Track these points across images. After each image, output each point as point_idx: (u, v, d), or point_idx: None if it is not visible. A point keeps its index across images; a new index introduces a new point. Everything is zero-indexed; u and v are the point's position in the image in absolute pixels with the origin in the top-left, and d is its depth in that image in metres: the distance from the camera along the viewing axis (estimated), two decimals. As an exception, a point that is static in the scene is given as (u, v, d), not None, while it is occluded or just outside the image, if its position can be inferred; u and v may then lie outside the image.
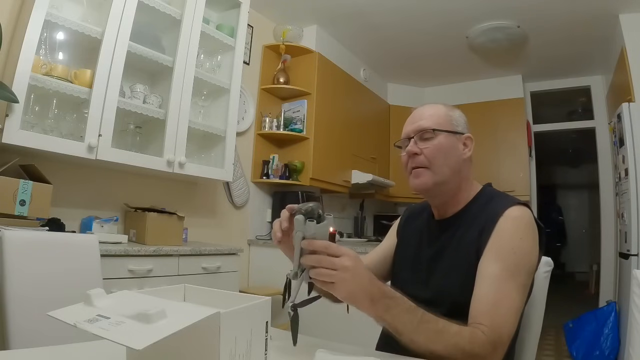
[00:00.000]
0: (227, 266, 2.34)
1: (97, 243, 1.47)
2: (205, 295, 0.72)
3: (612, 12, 3.06)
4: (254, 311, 0.62)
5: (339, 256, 0.73)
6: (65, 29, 1.93)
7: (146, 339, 0.46)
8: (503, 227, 0.90)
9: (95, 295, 0.58)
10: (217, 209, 3.00)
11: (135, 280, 1.86)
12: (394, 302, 0.75)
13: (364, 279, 0.74)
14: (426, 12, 3.27)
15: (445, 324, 0.77)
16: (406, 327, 0.74)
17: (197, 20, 2.41)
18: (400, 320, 0.75)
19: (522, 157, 4.22)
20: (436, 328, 0.75)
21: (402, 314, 0.75)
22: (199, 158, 2.64)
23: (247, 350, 0.59)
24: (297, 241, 0.73)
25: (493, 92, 4.43)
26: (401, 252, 1.14)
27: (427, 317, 0.76)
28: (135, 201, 2.37)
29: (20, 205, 1.66)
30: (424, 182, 0.99)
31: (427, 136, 1.00)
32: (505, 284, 0.84)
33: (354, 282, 0.73)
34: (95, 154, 1.94)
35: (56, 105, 1.97)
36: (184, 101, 2.33)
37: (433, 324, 0.76)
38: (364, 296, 0.74)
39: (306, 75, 3.44)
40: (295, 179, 3.31)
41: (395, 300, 0.75)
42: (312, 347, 0.74)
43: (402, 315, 0.75)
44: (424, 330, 0.74)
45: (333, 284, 0.73)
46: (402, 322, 0.74)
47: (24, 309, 1.18)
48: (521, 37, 3.49)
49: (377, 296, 0.74)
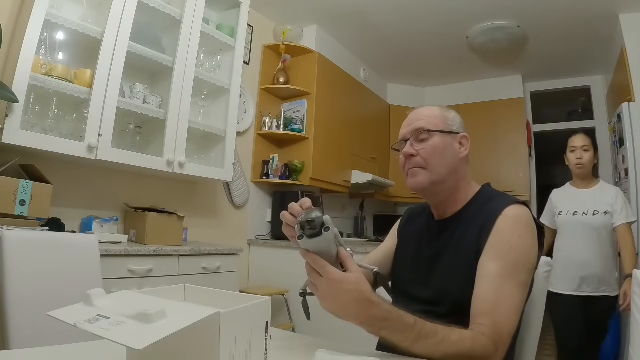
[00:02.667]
0: (227, 266, 2.34)
1: (97, 243, 1.47)
2: (205, 295, 0.72)
3: (612, 12, 3.06)
4: (254, 311, 0.62)
5: (322, 276, 0.73)
6: (65, 29, 1.93)
7: (146, 339, 0.46)
8: (502, 226, 0.90)
9: (95, 295, 0.58)
10: (217, 209, 3.00)
11: (135, 280, 1.86)
12: (386, 323, 0.73)
13: (347, 301, 0.72)
14: (426, 11, 3.27)
15: (445, 334, 0.75)
16: (402, 344, 0.73)
17: (197, 20, 2.41)
18: (394, 339, 0.74)
19: (522, 157, 4.22)
20: (435, 341, 0.73)
21: (395, 334, 0.73)
22: (199, 158, 2.64)
23: (247, 350, 0.59)
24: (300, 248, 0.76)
25: (493, 92, 4.43)
26: (402, 252, 1.14)
27: (425, 332, 0.73)
28: (135, 201, 2.37)
29: (20, 205, 1.65)
30: (421, 181, 1.00)
31: (423, 137, 1.01)
32: (506, 282, 0.84)
33: (334, 303, 0.74)
34: (95, 154, 1.94)
35: (56, 105, 1.97)
36: (184, 101, 2.33)
37: (431, 339, 0.73)
38: (348, 317, 0.74)
39: (306, 75, 3.44)
40: (295, 179, 3.31)
41: (388, 322, 0.73)
42: (312, 347, 0.74)
43: (395, 335, 0.73)
44: (421, 347, 0.73)
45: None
46: (397, 340, 0.74)
47: (24, 309, 1.18)
48: (521, 37, 3.48)
49: (364, 319, 0.73)
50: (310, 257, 0.73)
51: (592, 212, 2.23)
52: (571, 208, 2.31)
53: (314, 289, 0.76)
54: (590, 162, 2.30)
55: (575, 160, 2.30)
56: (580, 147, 2.29)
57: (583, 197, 2.30)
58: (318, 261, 0.73)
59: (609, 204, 2.21)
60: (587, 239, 2.22)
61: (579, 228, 2.25)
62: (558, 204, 2.40)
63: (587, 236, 2.23)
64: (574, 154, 2.32)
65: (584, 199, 2.29)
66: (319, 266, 0.73)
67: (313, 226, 0.70)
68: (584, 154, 2.29)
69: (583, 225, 2.24)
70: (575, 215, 2.27)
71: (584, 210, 2.25)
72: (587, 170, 2.31)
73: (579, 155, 2.29)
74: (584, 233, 2.23)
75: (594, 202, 2.25)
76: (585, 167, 2.30)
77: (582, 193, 2.32)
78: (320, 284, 0.74)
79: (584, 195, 2.31)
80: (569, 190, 2.42)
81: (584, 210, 2.25)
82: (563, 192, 2.44)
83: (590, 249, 2.21)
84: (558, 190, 2.48)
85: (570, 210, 2.31)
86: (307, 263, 0.75)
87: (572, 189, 2.40)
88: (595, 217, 2.22)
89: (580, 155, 2.29)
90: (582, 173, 2.32)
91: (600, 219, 2.21)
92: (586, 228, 2.23)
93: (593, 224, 2.22)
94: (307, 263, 0.75)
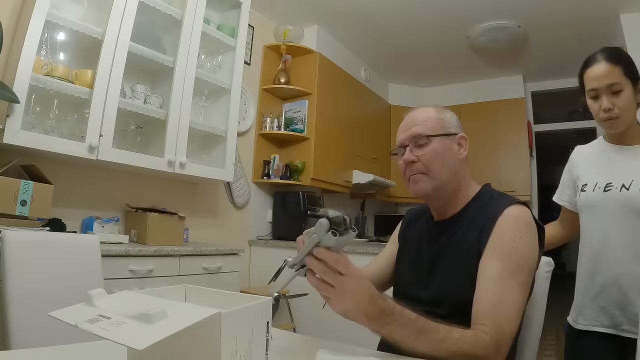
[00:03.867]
0: (228, 266, 2.34)
1: (98, 243, 1.48)
2: (206, 296, 0.72)
3: (613, 12, 3.06)
4: (255, 311, 0.62)
5: (344, 274, 0.71)
6: (66, 29, 1.93)
7: (147, 339, 0.46)
8: (502, 227, 0.90)
9: (96, 295, 0.58)
10: (218, 209, 3.00)
11: (136, 281, 1.86)
12: (391, 317, 0.74)
13: (363, 299, 0.72)
14: (427, 12, 3.26)
15: (447, 332, 0.75)
16: (405, 340, 0.74)
17: (197, 20, 2.41)
18: (399, 334, 0.74)
19: (523, 157, 4.21)
20: (437, 338, 0.74)
21: (399, 329, 0.74)
22: (199, 158, 2.64)
23: (248, 350, 0.59)
24: (310, 241, 0.70)
25: (494, 92, 4.43)
26: (402, 254, 1.14)
27: (427, 327, 0.75)
28: (136, 201, 2.37)
29: (22, 205, 1.66)
30: (423, 188, 1.00)
31: (422, 142, 1.00)
32: (507, 283, 0.84)
33: (351, 302, 0.72)
34: (96, 154, 1.94)
35: (57, 106, 1.97)
36: (184, 101, 2.33)
37: (433, 334, 0.74)
38: (359, 315, 0.73)
39: (307, 76, 3.44)
40: (296, 179, 3.31)
41: (393, 316, 0.74)
42: (313, 347, 0.74)
43: (400, 330, 0.74)
44: (424, 342, 0.73)
45: (329, 297, 0.73)
46: (400, 336, 0.74)
47: (25, 310, 1.18)
48: (522, 37, 3.48)
49: (374, 315, 0.73)
50: (333, 256, 0.70)
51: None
52: (602, 178, 1.29)
53: (326, 289, 0.72)
54: (629, 107, 1.22)
55: (603, 114, 1.24)
56: (606, 88, 1.22)
57: (624, 160, 1.27)
58: (341, 259, 0.71)
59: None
60: (633, 231, 1.20)
61: (617, 211, 1.23)
62: (582, 172, 1.38)
63: (634, 227, 1.20)
64: (596, 102, 1.26)
65: (626, 163, 1.26)
66: (343, 264, 0.71)
67: (345, 224, 0.69)
68: (615, 99, 1.21)
69: (624, 207, 1.22)
70: (608, 190, 1.26)
71: (624, 181, 1.23)
72: (627, 121, 1.24)
73: (607, 104, 1.21)
74: (627, 221, 1.21)
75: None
76: (622, 120, 1.23)
77: (623, 153, 1.29)
78: (342, 283, 0.71)
79: (626, 156, 1.27)
80: (601, 150, 1.36)
81: (625, 182, 1.23)
82: (591, 153, 1.40)
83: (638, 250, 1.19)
84: (583, 148, 1.46)
85: (600, 181, 1.29)
86: (320, 263, 0.71)
87: (606, 147, 1.34)
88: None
89: (610, 103, 1.21)
90: (618, 128, 1.26)
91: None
92: (631, 212, 1.20)
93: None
94: (320, 263, 0.71)
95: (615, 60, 1.22)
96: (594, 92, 1.25)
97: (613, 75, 1.21)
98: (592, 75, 1.25)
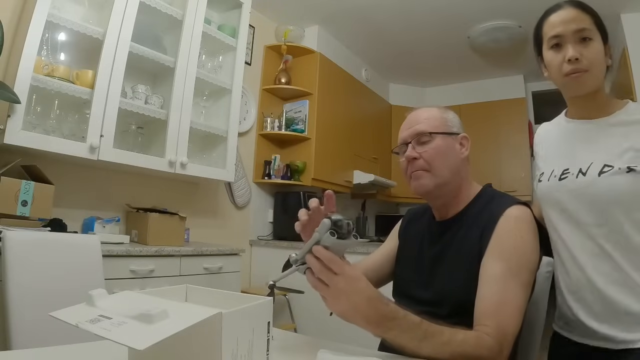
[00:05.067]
0: (229, 266, 2.34)
1: (99, 243, 1.48)
2: (207, 296, 0.72)
3: (614, 12, 3.05)
4: (255, 311, 0.62)
5: (338, 274, 0.71)
6: (66, 29, 1.93)
7: (148, 339, 0.46)
8: (504, 227, 0.91)
9: (97, 295, 0.58)
10: (219, 210, 3.01)
11: (137, 281, 1.86)
12: (394, 323, 0.72)
13: (359, 301, 0.71)
14: (427, 12, 3.26)
15: (451, 334, 0.74)
16: (408, 344, 0.73)
17: (198, 20, 2.41)
18: (402, 339, 0.73)
19: (523, 157, 4.20)
20: (441, 341, 0.73)
21: (403, 334, 0.73)
22: (200, 158, 2.64)
23: (249, 351, 0.58)
24: (311, 239, 0.72)
25: (495, 92, 4.42)
26: (403, 254, 1.14)
27: (431, 331, 0.74)
28: (137, 202, 2.37)
29: (22, 205, 1.66)
30: (425, 184, 1.00)
31: (424, 140, 1.01)
32: (508, 283, 0.84)
33: (346, 302, 0.71)
34: (97, 154, 1.94)
35: (58, 106, 1.97)
36: (185, 101, 2.33)
37: (437, 338, 0.73)
38: (358, 318, 0.72)
39: (308, 76, 3.44)
40: (297, 179, 3.31)
41: (396, 321, 0.73)
42: (314, 348, 0.74)
43: (403, 335, 0.73)
44: (428, 345, 0.73)
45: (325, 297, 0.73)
46: (403, 341, 0.73)
47: (25, 310, 1.18)
48: (523, 37, 3.48)
49: (374, 319, 0.72)
50: (328, 254, 0.71)
51: (601, 167, 0.94)
52: (559, 164, 1.04)
53: (323, 288, 0.73)
54: (599, 62, 0.95)
55: (567, 66, 0.94)
56: (573, 33, 0.94)
57: (585, 139, 1.01)
58: (336, 258, 0.71)
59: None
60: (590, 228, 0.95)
61: (573, 204, 0.97)
62: (540, 157, 1.17)
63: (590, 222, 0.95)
64: (559, 53, 0.96)
65: (586, 142, 1.01)
66: (337, 263, 0.71)
67: (347, 228, 0.71)
68: (583, 48, 0.93)
69: (581, 197, 0.96)
70: (564, 178, 1.00)
71: (581, 165, 0.98)
72: (596, 81, 0.96)
73: (574, 53, 0.93)
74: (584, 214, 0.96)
75: (609, 147, 0.95)
76: (591, 75, 0.94)
77: (586, 130, 1.02)
78: (336, 282, 0.71)
79: (589, 133, 1.01)
80: (561, 128, 1.12)
81: (582, 166, 0.97)
82: (552, 132, 1.17)
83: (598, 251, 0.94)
84: (546, 126, 1.23)
85: (557, 168, 1.04)
86: (317, 262, 0.72)
87: (567, 125, 1.09)
88: (605, 179, 0.92)
89: (577, 52, 0.93)
90: (586, 86, 0.96)
91: (620, 181, 0.90)
92: (586, 203, 0.95)
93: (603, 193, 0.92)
94: (317, 262, 0.72)
95: (584, 8, 0.97)
96: (557, 40, 0.96)
97: (582, 21, 0.94)
98: (556, 20, 0.97)
